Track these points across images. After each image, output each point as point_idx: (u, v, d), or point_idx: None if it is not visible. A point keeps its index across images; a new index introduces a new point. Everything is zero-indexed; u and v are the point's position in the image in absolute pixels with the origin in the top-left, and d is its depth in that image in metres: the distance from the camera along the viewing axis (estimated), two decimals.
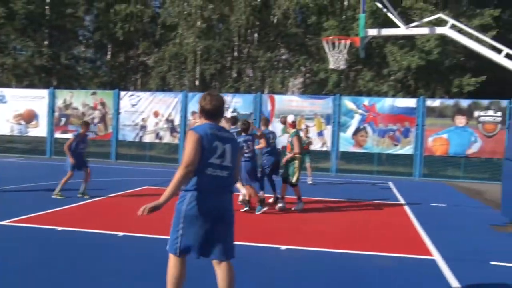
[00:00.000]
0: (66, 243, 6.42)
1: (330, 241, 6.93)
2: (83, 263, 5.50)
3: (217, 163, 3.70)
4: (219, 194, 3.73)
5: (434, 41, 20.02)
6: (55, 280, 4.90)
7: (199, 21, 24.65)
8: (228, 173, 3.76)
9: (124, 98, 19.11)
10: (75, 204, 9.17)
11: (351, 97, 18.28)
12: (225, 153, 3.74)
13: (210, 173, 3.67)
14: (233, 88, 24.14)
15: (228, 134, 3.86)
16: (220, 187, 3.73)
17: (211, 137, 3.69)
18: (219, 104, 3.82)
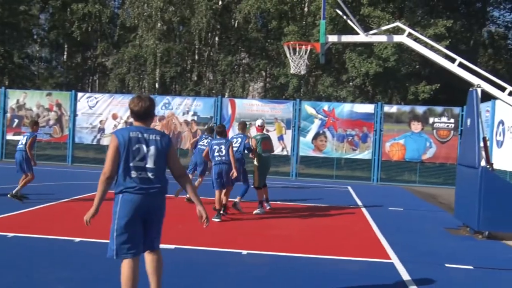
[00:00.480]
0: (18, 250, 6.17)
1: (292, 246, 6.96)
2: (36, 271, 5.30)
3: (141, 166, 3.82)
4: (146, 195, 3.83)
5: (391, 48, 20.54)
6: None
7: (159, 23, 24.38)
8: (153, 174, 3.85)
9: (81, 100, 18.63)
10: (28, 209, 8.85)
11: (311, 102, 18.49)
12: (147, 155, 3.83)
13: (135, 175, 3.81)
14: (193, 91, 23.98)
15: (154, 136, 3.91)
16: (145, 189, 3.83)
17: (133, 140, 3.81)
18: (146, 106, 3.95)
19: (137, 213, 3.82)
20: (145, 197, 3.84)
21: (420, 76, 25.00)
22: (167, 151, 3.95)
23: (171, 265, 5.78)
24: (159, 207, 3.98)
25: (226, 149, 8.55)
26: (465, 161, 8.83)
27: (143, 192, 3.83)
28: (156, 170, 3.88)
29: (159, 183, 3.91)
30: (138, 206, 3.82)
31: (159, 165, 3.90)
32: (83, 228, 7.44)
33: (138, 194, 3.82)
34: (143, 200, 3.83)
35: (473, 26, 30.29)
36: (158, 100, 18.35)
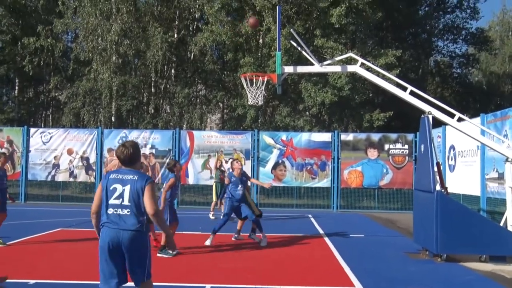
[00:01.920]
0: None
1: (256, 277, 6.88)
2: None
3: (117, 203, 4.22)
4: (119, 230, 4.16)
5: (345, 78, 21.14)
6: None
7: (114, 56, 24.19)
8: (128, 211, 4.20)
9: (34, 135, 18.10)
10: None
11: (269, 132, 18.66)
12: (123, 194, 4.22)
13: (112, 212, 4.22)
14: (151, 124, 23.76)
15: (131, 176, 4.28)
16: (120, 224, 4.18)
17: (111, 181, 4.30)
18: (129, 153, 4.35)
19: (110, 246, 4.16)
20: (118, 232, 4.17)
21: (374, 104, 25.79)
22: (141, 190, 4.25)
23: None
24: (133, 242, 4.17)
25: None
26: (421, 186, 9.07)
27: (118, 228, 4.17)
28: (131, 207, 4.22)
29: (135, 219, 4.20)
30: (110, 240, 4.16)
31: (135, 203, 4.23)
32: (38, 269, 7.14)
33: (112, 228, 4.19)
34: (115, 235, 4.16)
35: (420, 56, 31.67)
36: (115, 133, 18.08)
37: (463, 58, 33.88)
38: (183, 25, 26.45)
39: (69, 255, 8.31)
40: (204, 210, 15.59)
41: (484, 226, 8.26)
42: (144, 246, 4.27)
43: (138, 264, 4.23)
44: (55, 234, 10.57)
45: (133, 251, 4.18)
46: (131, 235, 4.17)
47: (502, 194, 11.02)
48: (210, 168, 17.18)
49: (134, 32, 24.41)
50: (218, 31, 23.18)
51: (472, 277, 7.31)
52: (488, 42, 33.70)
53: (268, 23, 22.36)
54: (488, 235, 8.12)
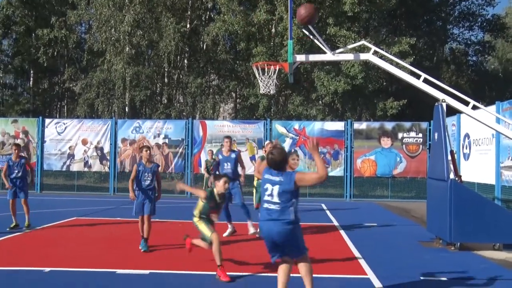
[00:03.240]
0: None
1: (268, 266, 6.91)
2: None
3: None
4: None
5: (358, 66, 20.98)
6: None
7: (128, 47, 24.28)
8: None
9: (49, 126, 18.30)
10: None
11: (281, 121, 18.64)
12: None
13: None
14: (164, 114, 23.86)
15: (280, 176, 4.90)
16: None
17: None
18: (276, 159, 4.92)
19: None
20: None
21: (387, 93, 25.57)
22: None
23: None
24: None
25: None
26: (434, 174, 9.01)
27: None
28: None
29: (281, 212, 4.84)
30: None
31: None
32: (53, 257, 7.27)
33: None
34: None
35: (435, 44, 31.27)
36: (128, 124, 18.21)
37: (479, 46, 33.34)
38: (195, 15, 26.40)
39: (84, 244, 8.44)
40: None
41: (498, 214, 8.18)
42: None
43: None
44: (70, 223, 10.71)
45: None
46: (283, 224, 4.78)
47: None
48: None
49: (147, 22, 24.46)
50: (231, 21, 23.12)
51: (486, 266, 7.27)
52: (504, 29, 33.09)
53: (280, 12, 22.23)
54: (502, 223, 8.06)
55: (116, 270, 6.57)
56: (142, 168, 8.06)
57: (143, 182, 8.03)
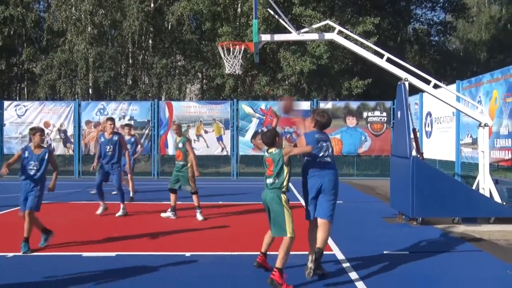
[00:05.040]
0: None
1: (244, 244, 6.98)
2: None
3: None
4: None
5: (324, 46, 21.08)
6: None
7: (90, 27, 23.63)
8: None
9: (8, 108, 17.75)
10: None
11: (248, 102, 18.63)
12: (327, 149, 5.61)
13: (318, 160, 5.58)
14: (129, 95, 23.46)
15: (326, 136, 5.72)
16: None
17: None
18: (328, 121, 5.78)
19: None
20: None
21: (352, 73, 25.86)
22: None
23: (117, 273, 5.67)
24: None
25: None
26: (397, 152, 9.23)
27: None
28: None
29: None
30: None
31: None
32: (17, 242, 7.15)
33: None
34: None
35: (399, 24, 31.69)
36: (92, 105, 17.86)
37: (441, 26, 34.01)
38: None
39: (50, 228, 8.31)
40: None
41: (458, 189, 8.48)
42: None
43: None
44: None
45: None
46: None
47: (475, 159, 11.29)
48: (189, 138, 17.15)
49: (109, 1, 23.82)
50: (196, 0, 22.78)
51: (446, 239, 7.56)
52: (465, 9, 33.81)
53: None
54: (461, 198, 8.35)
55: (82, 253, 6.51)
56: (28, 155, 6.86)
57: (28, 172, 6.83)
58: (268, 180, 5.34)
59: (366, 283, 5.25)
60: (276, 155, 5.29)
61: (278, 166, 5.25)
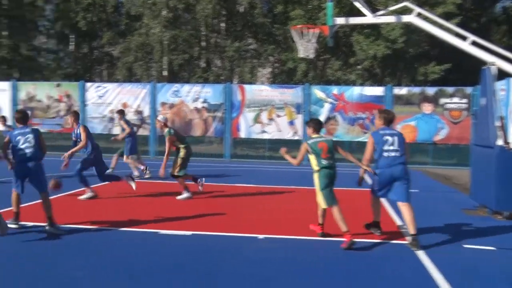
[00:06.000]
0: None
1: (303, 230, 6.95)
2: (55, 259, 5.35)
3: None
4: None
5: (399, 29, 20.31)
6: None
7: (165, 10, 24.24)
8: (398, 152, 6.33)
9: (90, 89, 18.66)
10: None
11: (320, 86, 18.38)
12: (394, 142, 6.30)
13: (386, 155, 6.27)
14: (202, 78, 23.93)
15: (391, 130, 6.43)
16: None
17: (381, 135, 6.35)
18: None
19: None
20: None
21: (429, 57, 24.77)
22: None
23: (189, 251, 5.83)
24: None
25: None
26: (480, 141, 8.75)
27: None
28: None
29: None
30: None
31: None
32: (100, 217, 7.55)
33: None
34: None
35: (484, 3, 29.82)
36: (167, 87, 18.35)
37: None
38: None
39: (127, 206, 8.70)
40: (256, 164, 15.79)
41: None
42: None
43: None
44: (110, 185, 11.01)
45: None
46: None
47: None
48: (262, 122, 17.27)
49: None
50: None
51: None
52: None
53: None
54: None
55: (159, 231, 6.75)
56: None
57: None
58: (328, 161, 6.40)
59: (446, 277, 5.03)
60: (330, 141, 6.60)
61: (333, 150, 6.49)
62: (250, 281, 4.87)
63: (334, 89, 17.64)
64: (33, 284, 4.67)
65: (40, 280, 4.76)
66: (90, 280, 4.81)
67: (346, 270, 5.23)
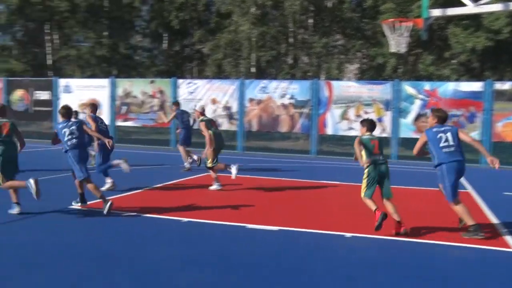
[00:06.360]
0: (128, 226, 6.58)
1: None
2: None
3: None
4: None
5: (504, 19, 18.88)
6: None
7: (253, 7, 24.55)
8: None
9: (181, 86, 19.35)
10: (138, 190, 9.40)
11: (411, 82, 17.65)
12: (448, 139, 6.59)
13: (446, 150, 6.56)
14: (289, 74, 23.96)
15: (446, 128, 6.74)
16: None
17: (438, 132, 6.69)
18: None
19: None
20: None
21: None
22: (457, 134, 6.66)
23: (279, 247, 5.85)
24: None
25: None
26: None
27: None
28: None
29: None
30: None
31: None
32: (188, 209, 7.81)
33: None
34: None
35: None
36: (255, 84, 18.56)
37: None
38: None
39: (215, 198, 8.92)
40: (342, 161, 15.54)
41: None
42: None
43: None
44: (202, 179, 11.35)
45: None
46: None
47: None
48: (349, 119, 16.95)
49: None
50: None
51: None
52: None
53: None
54: None
55: (246, 225, 6.84)
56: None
57: None
58: (378, 157, 6.68)
59: None
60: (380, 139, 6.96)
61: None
62: (340, 280, 4.79)
63: (426, 85, 16.84)
64: (129, 262, 4.94)
65: (135, 259, 5.02)
66: (196, 268, 4.98)
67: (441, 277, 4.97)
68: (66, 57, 30.99)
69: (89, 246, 5.70)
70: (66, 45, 31.29)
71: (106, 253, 5.45)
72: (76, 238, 6.03)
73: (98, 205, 7.52)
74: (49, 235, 6.21)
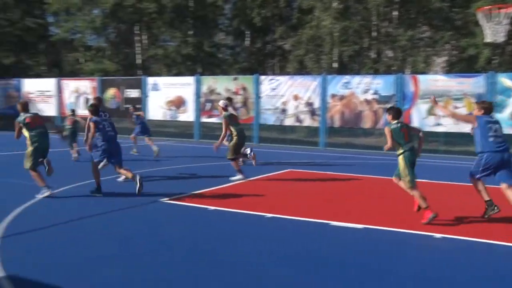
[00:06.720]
0: (219, 220, 6.77)
1: (487, 232, 6.33)
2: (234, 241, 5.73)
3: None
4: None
5: None
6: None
7: (335, 2, 24.18)
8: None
9: (264, 82, 19.54)
10: (222, 185, 9.64)
11: (508, 74, 16.52)
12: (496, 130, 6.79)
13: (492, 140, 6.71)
14: (372, 69, 23.37)
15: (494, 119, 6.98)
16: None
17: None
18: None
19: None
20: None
21: None
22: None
23: (361, 245, 5.75)
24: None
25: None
26: None
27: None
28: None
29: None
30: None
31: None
32: (272, 205, 7.89)
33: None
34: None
35: None
36: (337, 79, 18.30)
37: None
38: None
39: (298, 194, 8.93)
40: (430, 158, 14.92)
41: None
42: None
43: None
44: (285, 174, 11.41)
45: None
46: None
47: None
48: (436, 114, 16.22)
49: None
50: None
51: None
52: None
53: None
54: None
55: (330, 222, 6.79)
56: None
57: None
58: (410, 145, 6.82)
59: None
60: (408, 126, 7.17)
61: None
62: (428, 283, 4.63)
63: None
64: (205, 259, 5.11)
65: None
66: (286, 263, 5.05)
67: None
68: (153, 56, 32.44)
69: (179, 240, 5.94)
70: (154, 45, 32.78)
71: (202, 249, 5.66)
72: (171, 233, 6.31)
73: (189, 201, 7.81)
74: (143, 226, 6.56)
